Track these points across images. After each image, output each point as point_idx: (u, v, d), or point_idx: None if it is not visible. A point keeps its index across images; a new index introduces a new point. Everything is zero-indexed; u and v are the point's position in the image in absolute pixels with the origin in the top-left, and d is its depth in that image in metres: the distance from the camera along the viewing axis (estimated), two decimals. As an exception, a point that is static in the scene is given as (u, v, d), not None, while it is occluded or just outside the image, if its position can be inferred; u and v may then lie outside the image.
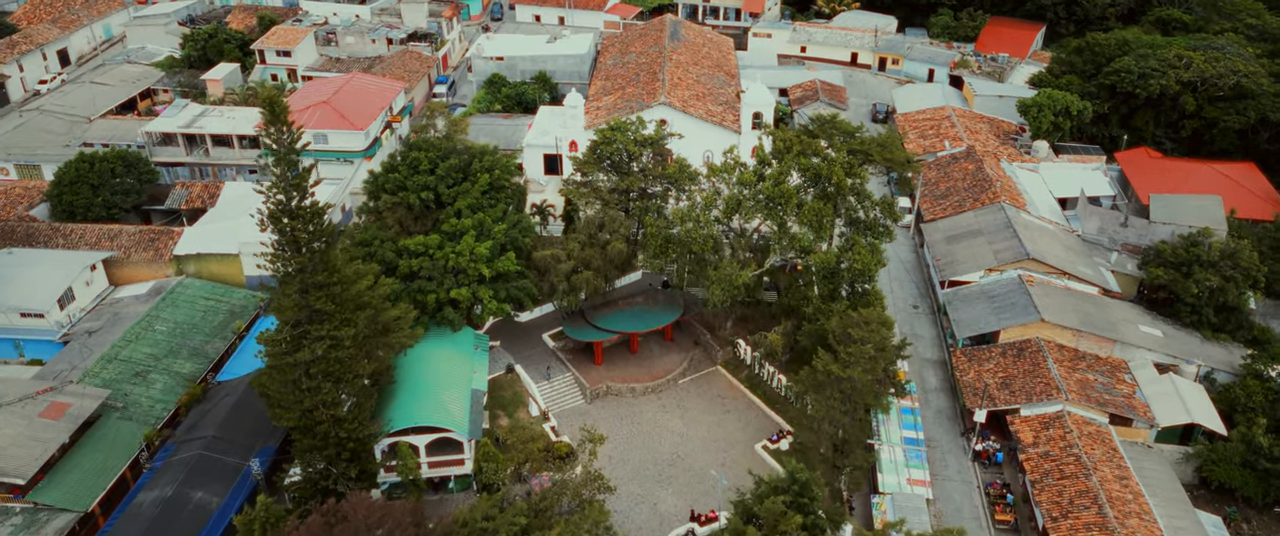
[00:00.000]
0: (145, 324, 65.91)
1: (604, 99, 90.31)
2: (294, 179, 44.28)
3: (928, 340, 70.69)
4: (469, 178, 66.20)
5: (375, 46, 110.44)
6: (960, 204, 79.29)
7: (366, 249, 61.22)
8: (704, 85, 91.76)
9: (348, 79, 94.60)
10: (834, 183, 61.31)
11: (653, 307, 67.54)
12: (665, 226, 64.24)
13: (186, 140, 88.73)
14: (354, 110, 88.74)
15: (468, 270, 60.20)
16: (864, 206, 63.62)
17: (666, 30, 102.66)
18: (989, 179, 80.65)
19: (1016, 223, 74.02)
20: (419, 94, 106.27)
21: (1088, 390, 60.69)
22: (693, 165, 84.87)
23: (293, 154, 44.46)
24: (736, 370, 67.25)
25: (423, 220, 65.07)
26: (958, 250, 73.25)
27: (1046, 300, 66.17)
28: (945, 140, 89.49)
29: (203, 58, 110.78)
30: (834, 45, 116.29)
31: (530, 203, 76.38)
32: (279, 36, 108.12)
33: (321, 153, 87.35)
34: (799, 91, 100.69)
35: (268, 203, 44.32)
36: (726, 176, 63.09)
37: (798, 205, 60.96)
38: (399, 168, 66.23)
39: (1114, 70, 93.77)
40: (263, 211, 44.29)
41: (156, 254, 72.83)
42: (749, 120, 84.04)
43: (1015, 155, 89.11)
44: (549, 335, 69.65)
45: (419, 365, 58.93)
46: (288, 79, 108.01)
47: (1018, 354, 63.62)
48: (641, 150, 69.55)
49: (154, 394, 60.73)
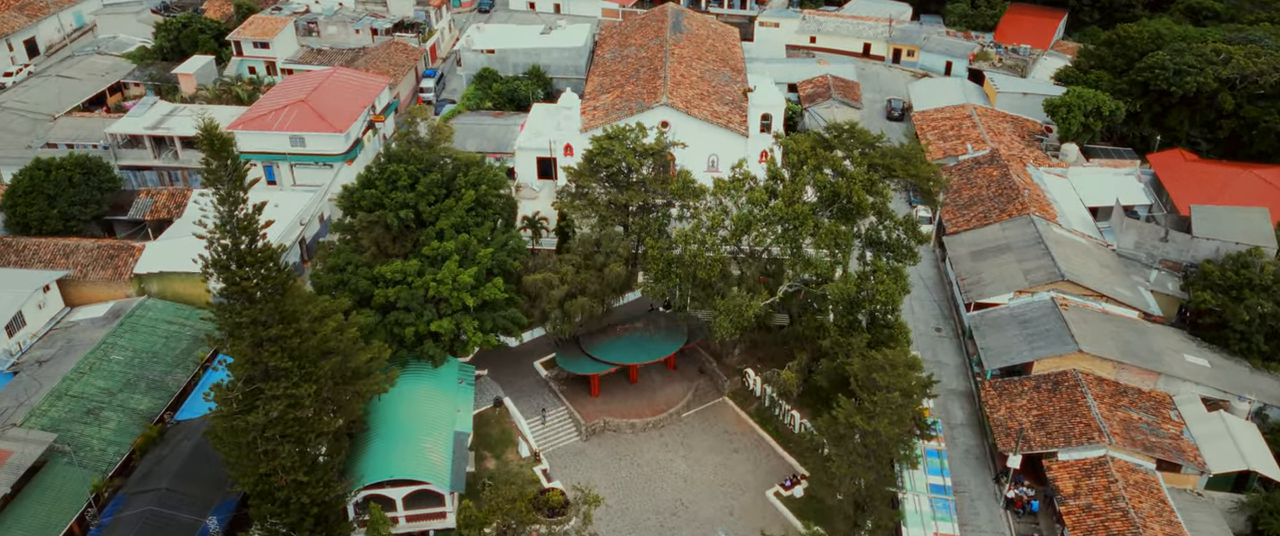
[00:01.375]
0: (101, 353, 60.37)
1: (601, 98, 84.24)
2: (242, 220, 38.46)
3: (952, 369, 65.19)
4: (453, 193, 60.39)
5: (359, 37, 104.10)
6: (985, 215, 73.51)
7: (339, 276, 55.56)
8: (708, 83, 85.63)
9: (327, 75, 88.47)
10: (853, 201, 55.55)
11: (654, 334, 62.00)
12: (667, 247, 58.52)
13: (154, 142, 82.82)
14: (333, 110, 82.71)
15: (450, 299, 54.55)
16: (886, 226, 57.89)
17: (668, 21, 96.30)
18: (1016, 187, 74.81)
19: (1047, 237, 68.30)
20: (405, 89, 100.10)
21: (1132, 431, 55.29)
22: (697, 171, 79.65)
23: (238, 192, 38.59)
24: (745, 402, 61.84)
25: (402, 240, 59.34)
26: (984, 268, 67.56)
27: (1083, 328, 60.61)
28: (967, 143, 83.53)
29: (176, 49, 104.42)
30: (845, 36, 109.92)
31: (521, 216, 70.56)
32: (257, 26, 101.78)
33: (298, 156, 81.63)
34: (809, 88, 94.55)
35: (211, 248, 38.58)
36: (734, 194, 57.27)
37: (814, 227, 55.19)
38: (376, 182, 60.39)
39: (1147, 66, 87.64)
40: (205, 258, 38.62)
41: (116, 272, 67.18)
42: (757, 123, 78.02)
43: (1042, 159, 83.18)
44: (541, 363, 64.17)
45: (396, 406, 53.49)
46: (266, 72, 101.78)
47: (1053, 388, 58.14)
48: (641, 161, 63.65)
49: (106, 435, 55.24)
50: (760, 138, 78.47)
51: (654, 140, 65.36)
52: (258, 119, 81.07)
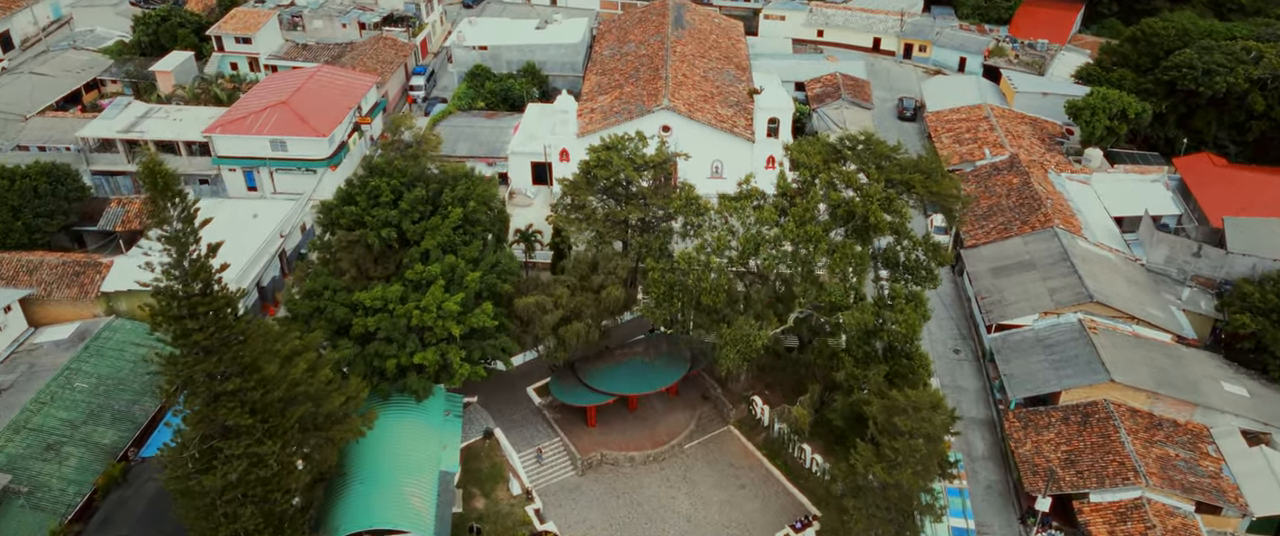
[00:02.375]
0: (63, 380, 56.45)
1: (599, 99, 79.92)
2: (193, 265, 34.32)
3: (971, 394, 61.27)
4: (439, 210, 56.23)
5: (346, 32, 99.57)
6: (1006, 226, 69.35)
7: (315, 302, 51.49)
8: (712, 83, 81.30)
9: (311, 74, 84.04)
10: (871, 222, 51.40)
11: (655, 360, 58.01)
12: (669, 267, 54.41)
13: (127, 146, 78.54)
14: (316, 112, 78.35)
15: (435, 328, 50.51)
16: (904, 247, 53.78)
17: (669, 15, 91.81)
18: (1037, 196, 70.61)
19: (1073, 253, 64.20)
20: (394, 87, 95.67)
21: (1169, 470, 51.41)
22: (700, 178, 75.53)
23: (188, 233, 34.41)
24: (752, 432, 57.95)
25: (384, 261, 55.25)
26: (1007, 287, 63.48)
27: (1114, 354, 56.64)
28: (985, 147, 79.24)
29: (155, 44, 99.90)
30: (854, 29, 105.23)
31: (514, 229, 66.42)
32: (238, 20, 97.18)
33: (279, 161, 77.34)
34: (818, 87, 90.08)
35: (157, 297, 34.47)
36: (742, 212, 53.11)
37: (828, 249, 51.08)
38: (357, 197, 56.19)
39: (1174, 65, 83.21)
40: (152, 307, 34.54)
41: (82, 290, 63.13)
42: (763, 127, 73.83)
43: (1063, 164, 78.90)
44: (535, 389, 60.20)
45: (376, 446, 49.57)
46: (248, 69, 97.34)
47: (1083, 421, 54.23)
48: (641, 174, 59.44)
49: (67, 473, 51.33)
50: (767, 142, 74.42)
51: (655, 151, 61.11)
52: (236, 122, 76.76)
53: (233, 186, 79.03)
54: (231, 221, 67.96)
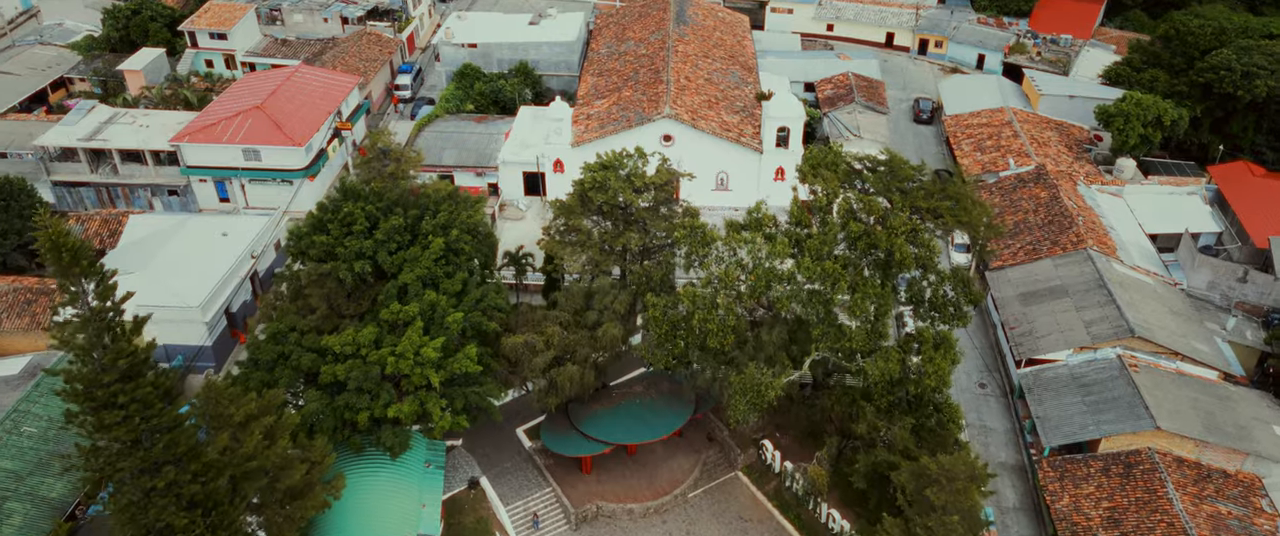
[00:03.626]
0: (10, 424, 51.40)
1: (596, 104, 74.55)
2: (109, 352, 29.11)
3: (1000, 436, 56.47)
4: (418, 239, 51.16)
5: (328, 27, 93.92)
6: (1035, 247, 64.25)
7: (278, 348, 46.49)
8: (716, 86, 75.92)
9: (288, 75, 78.58)
10: (895, 258, 46.34)
11: (655, 401, 53.11)
12: (671, 304, 49.36)
13: (90, 155, 73.30)
14: (293, 118, 73.05)
15: (412, 376, 45.56)
16: (931, 282, 48.74)
17: (671, 9, 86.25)
18: (1068, 213, 65.47)
19: (1109, 278, 59.19)
20: (378, 87, 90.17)
21: (1221, 531, 46.65)
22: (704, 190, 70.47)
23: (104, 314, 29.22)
24: (762, 479, 53.23)
25: (357, 296, 50.25)
26: (1037, 316, 58.49)
27: (1159, 396, 51.76)
28: (1009, 155, 73.95)
29: (126, 39, 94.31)
30: (866, 23, 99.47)
31: (502, 252, 61.33)
32: (213, 15, 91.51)
33: (253, 172, 72.18)
34: (829, 88, 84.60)
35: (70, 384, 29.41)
36: (751, 243, 47.95)
37: (849, 287, 46.04)
38: (329, 225, 51.09)
39: (1210, 67, 77.72)
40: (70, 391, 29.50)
41: (34, 320, 58.13)
42: (773, 136, 68.60)
43: (1094, 175, 73.63)
44: (525, 431, 55.40)
45: (347, 508, 44.74)
46: (225, 66, 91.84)
47: (1125, 472, 49.41)
48: (641, 196, 54.28)
49: (8, 534, 46.58)
50: (776, 153, 69.25)
51: (655, 170, 55.87)
52: (206, 129, 71.50)
53: (204, 198, 73.98)
54: (199, 241, 63.10)
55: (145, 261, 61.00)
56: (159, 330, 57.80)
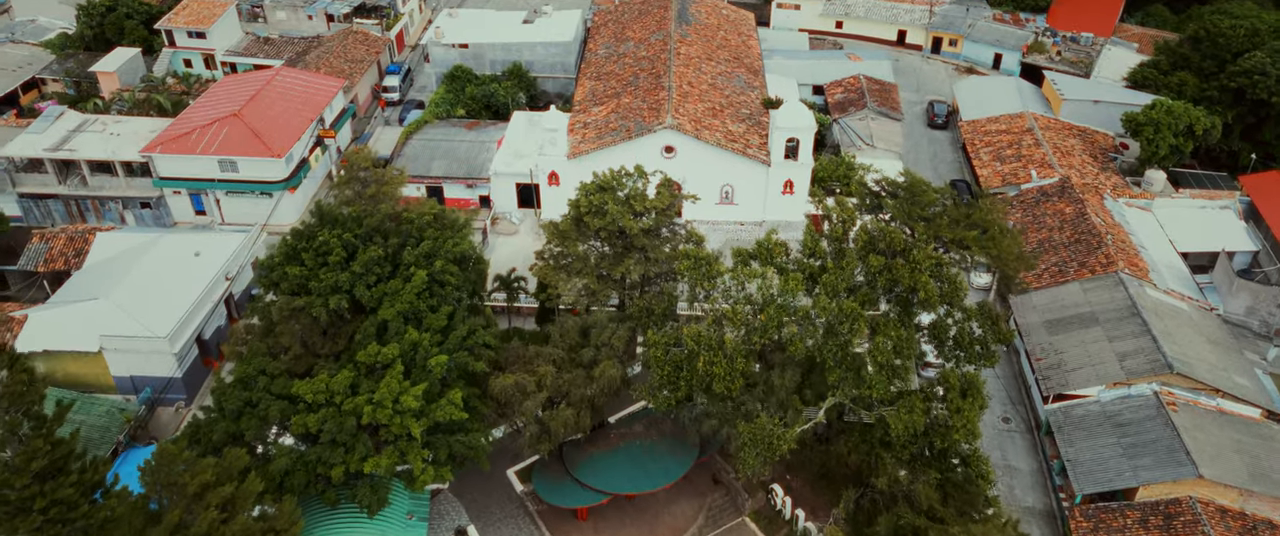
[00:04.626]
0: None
1: (593, 112, 70.33)
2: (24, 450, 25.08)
3: (1026, 477, 52.69)
4: (400, 270, 47.18)
5: (312, 24, 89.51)
6: (1061, 268, 60.28)
7: (245, 396, 42.59)
8: (721, 92, 71.68)
9: (268, 78, 74.34)
10: (919, 296, 42.40)
11: (657, 444, 49.27)
12: (673, 340, 45.46)
13: (58, 166, 69.21)
14: (273, 126, 68.92)
15: (391, 425, 41.69)
16: (956, 320, 44.79)
17: (673, 7, 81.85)
18: (1096, 231, 61.45)
19: (1142, 305, 55.26)
20: (365, 89, 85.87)
21: (1272, 593, 43.03)
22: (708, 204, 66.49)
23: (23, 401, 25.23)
24: (770, 526, 49.43)
25: (334, 333, 46.31)
26: (1066, 347, 54.60)
27: (1200, 439, 47.97)
28: (1031, 166, 69.82)
29: (101, 37, 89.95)
30: (877, 20, 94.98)
31: (494, 276, 57.37)
32: (191, 12, 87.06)
33: (229, 184, 68.12)
34: (839, 91, 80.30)
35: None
36: (762, 276, 43.95)
37: (868, 327, 42.11)
38: (303, 255, 47.10)
39: (1243, 70, 73.56)
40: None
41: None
42: (781, 147, 64.43)
43: (1121, 187, 69.52)
44: (516, 472, 51.61)
45: (320, 572, 41.08)
46: (204, 66, 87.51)
47: (1165, 524, 45.67)
48: (640, 220, 50.22)
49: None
50: (785, 165, 65.10)
51: (657, 191, 51.82)
52: (179, 139, 67.37)
53: (178, 211, 70.00)
54: (170, 261, 59.10)
55: (112, 284, 57.10)
56: (125, 360, 54.81)
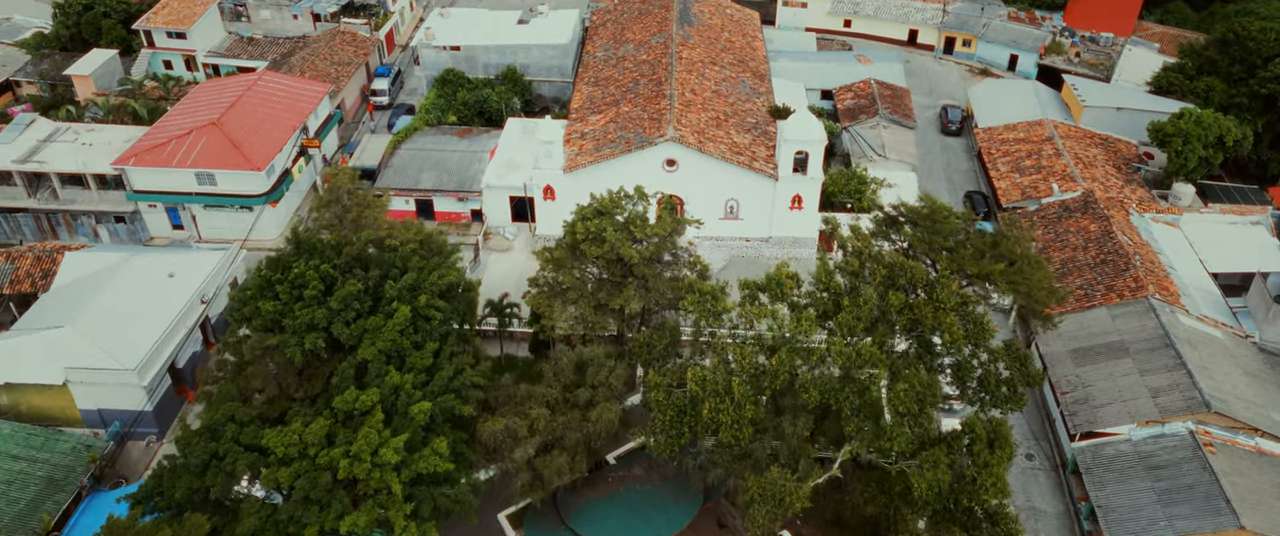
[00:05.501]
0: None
1: (590, 121, 66.75)
2: None
3: (1052, 520, 49.44)
4: (381, 305, 43.81)
5: (298, 24, 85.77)
6: (1087, 292, 56.88)
7: (212, 446, 39.28)
8: (725, 99, 68.10)
9: (249, 83, 70.72)
10: (943, 339, 39.03)
11: (659, 491, 46.05)
12: (675, 382, 42.15)
13: (27, 178, 65.76)
14: (253, 136, 65.38)
15: (370, 479, 38.43)
16: (982, 362, 41.41)
17: (675, 7, 78.17)
18: (1123, 251, 58.01)
19: (1175, 335, 51.88)
20: (352, 93, 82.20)
21: (1323, 659, 39.88)
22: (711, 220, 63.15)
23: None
24: (779, 575, 46.29)
25: (310, 374, 43.02)
26: (1094, 380, 51.26)
27: (1239, 485, 44.73)
28: (1053, 179, 66.30)
29: (78, 37, 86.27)
30: (887, 19, 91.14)
31: (484, 301, 54.01)
32: (170, 11, 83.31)
33: (208, 197, 64.69)
34: (849, 97, 76.63)
35: None
36: (774, 318, 40.59)
37: (888, 372, 38.76)
38: (277, 286, 43.72)
39: (1275, 76, 69.94)
40: None
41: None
42: (789, 160, 60.92)
43: (1146, 201, 66.01)
44: (506, 516, 48.32)
45: (293, 642, 37.85)
46: (185, 68, 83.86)
47: (1204, 580, 42.54)
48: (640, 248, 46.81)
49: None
50: (793, 179, 61.63)
51: (657, 217, 48.38)
52: (154, 150, 63.86)
53: (155, 225, 66.63)
54: (142, 283, 55.73)
55: (79, 309, 53.77)
56: (92, 393, 51.49)
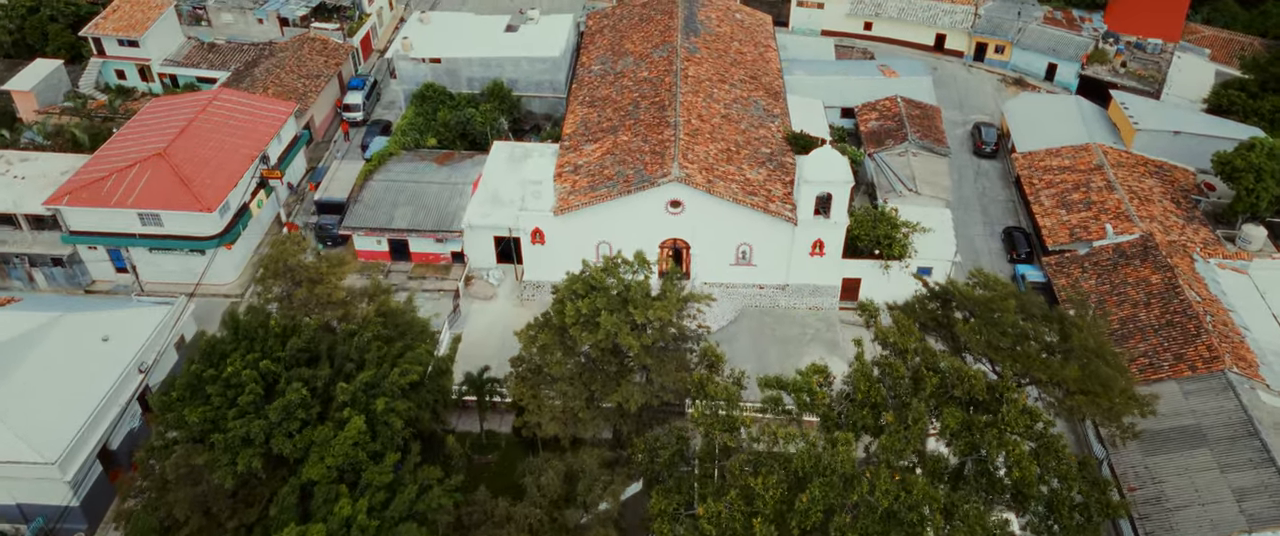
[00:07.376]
0: None
1: (585, 152, 59.19)
2: None
3: (1119, 644, 42.77)
4: (331, 413, 36.73)
5: (263, 29, 77.80)
6: (1153, 361, 49.69)
7: (120, 603, 32.43)
8: (736, 125, 60.53)
9: (203, 105, 63.02)
10: (1013, 474, 31.96)
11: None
12: (682, 504, 35.23)
13: (-48, 216, 58.46)
14: (204, 169, 57.96)
15: (314, 642, 31.64)
16: (1053, 488, 34.37)
17: (679, 13, 70.34)
18: (1192, 311, 50.74)
19: (1259, 421, 44.83)
20: (323, 108, 74.34)
21: None
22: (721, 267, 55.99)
23: None
24: None
25: (244, 498, 36.01)
26: (1166, 474, 44.25)
27: (1349, 618, 37.98)
28: (1105, 219, 58.86)
29: (22, 45, 78.39)
30: (913, 22, 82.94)
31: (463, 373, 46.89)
32: (122, 15, 75.23)
33: (153, 240, 57.38)
34: (873, 118, 68.83)
35: None
36: (804, 444, 33.51)
37: (943, 513, 31.78)
38: (208, 389, 36.62)
39: (1354, 97, 62.32)
40: None
41: None
42: (810, 203, 53.57)
43: (1212, 244, 58.64)
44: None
45: None
46: (139, 78, 76.04)
47: None
48: (641, 334, 39.61)
49: None
50: (814, 222, 54.34)
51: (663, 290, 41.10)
52: (91, 187, 56.43)
53: (96, 269, 59.38)
54: (72, 348, 48.44)
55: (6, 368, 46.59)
56: (10, 487, 44.46)
